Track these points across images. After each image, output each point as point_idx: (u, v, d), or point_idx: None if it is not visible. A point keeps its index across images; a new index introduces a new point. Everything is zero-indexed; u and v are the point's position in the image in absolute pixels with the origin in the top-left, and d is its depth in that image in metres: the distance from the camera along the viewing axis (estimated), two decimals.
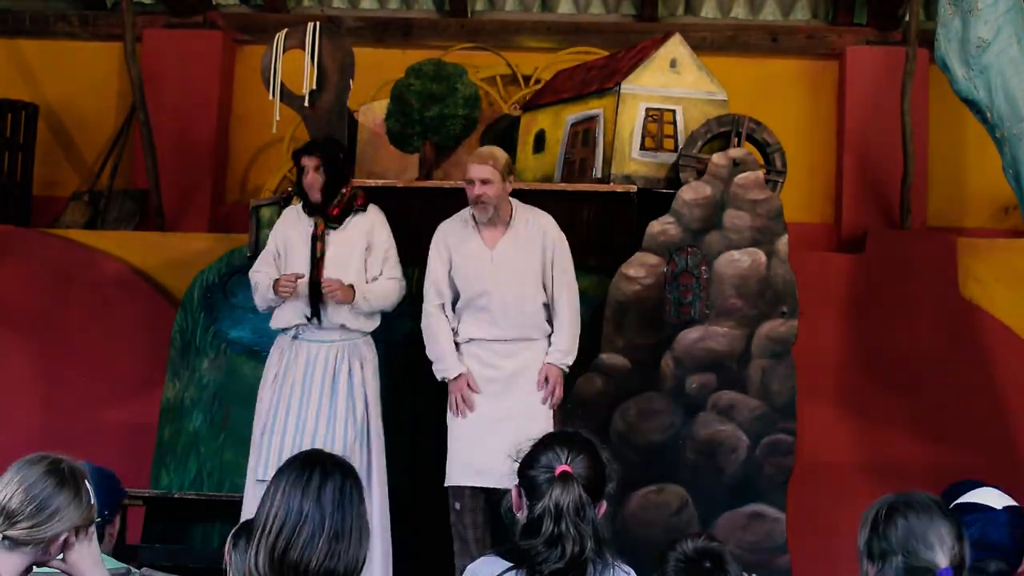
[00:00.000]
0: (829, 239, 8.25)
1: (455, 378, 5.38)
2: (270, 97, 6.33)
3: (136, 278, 7.31)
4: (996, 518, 3.29)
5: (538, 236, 5.44)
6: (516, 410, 5.27)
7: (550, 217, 5.53)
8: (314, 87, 6.32)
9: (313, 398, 5.40)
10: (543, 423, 5.25)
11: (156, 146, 7.94)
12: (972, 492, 3.38)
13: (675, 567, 2.95)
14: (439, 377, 5.44)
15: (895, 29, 8.37)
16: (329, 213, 5.57)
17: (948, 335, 7.17)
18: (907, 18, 8.08)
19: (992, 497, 3.36)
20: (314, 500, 2.56)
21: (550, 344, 5.41)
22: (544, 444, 2.93)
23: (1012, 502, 3.36)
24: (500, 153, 5.50)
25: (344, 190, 5.62)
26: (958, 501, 3.36)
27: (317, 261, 5.50)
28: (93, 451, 6.82)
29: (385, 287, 5.61)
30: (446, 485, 5.40)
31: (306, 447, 5.29)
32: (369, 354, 5.60)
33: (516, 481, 2.93)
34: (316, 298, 5.46)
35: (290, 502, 2.56)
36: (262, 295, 5.59)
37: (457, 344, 5.45)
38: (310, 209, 5.60)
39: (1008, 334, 7.15)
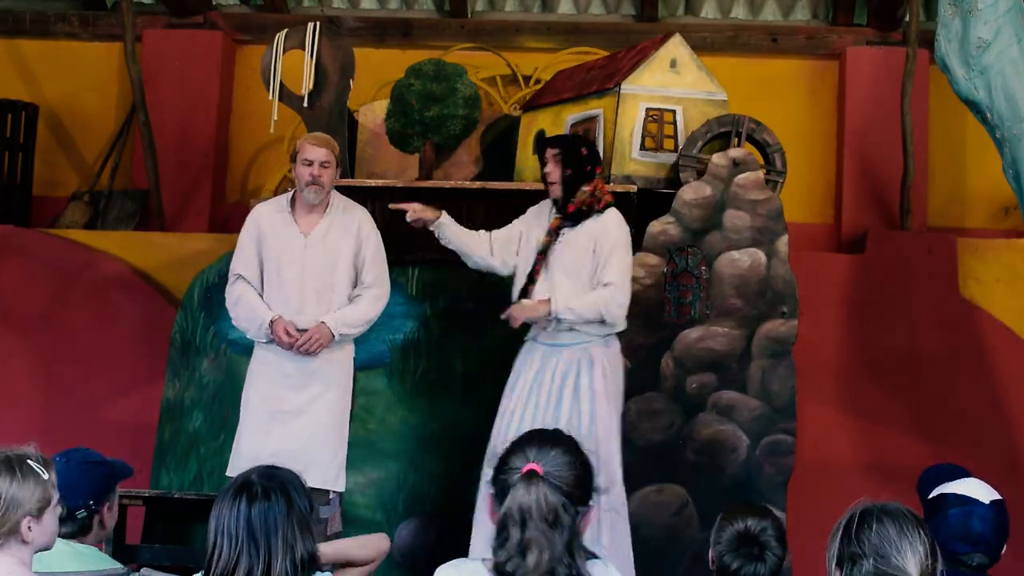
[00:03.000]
0: (829, 239, 8.25)
1: (272, 322, 5.31)
2: (270, 97, 6.34)
3: (136, 278, 7.30)
4: (982, 511, 3.31)
5: (353, 227, 5.43)
6: (310, 406, 5.28)
7: (366, 211, 5.53)
8: (313, 87, 6.32)
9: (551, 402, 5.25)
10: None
11: (156, 146, 7.94)
12: (958, 483, 3.39)
13: (728, 544, 3.26)
14: (262, 335, 5.35)
15: (895, 29, 8.37)
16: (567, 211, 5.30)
17: (948, 335, 7.17)
18: (907, 18, 8.08)
19: (979, 490, 3.37)
20: (242, 522, 2.63)
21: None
22: (515, 444, 2.66)
23: (997, 496, 3.37)
24: (335, 143, 5.51)
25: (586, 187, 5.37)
26: (945, 491, 3.38)
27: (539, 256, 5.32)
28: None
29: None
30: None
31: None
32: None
33: (491, 490, 2.66)
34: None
35: (226, 525, 2.63)
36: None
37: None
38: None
39: (1008, 334, 7.15)
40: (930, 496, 3.42)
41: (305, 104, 6.33)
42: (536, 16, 8.71)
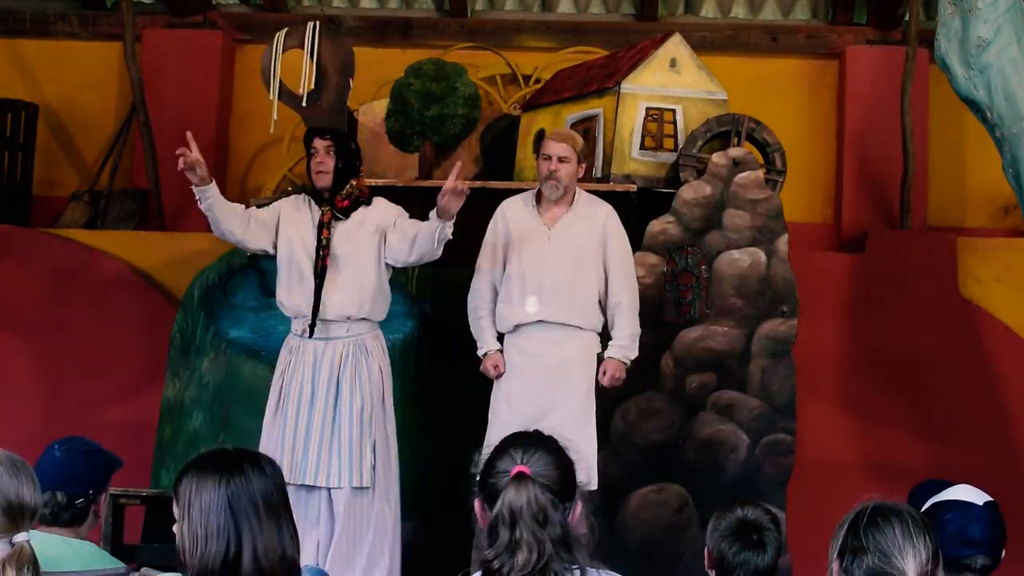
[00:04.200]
0: (829, 239, 8.25)
1: (487, 354, 5.41)
2: (270, 97, 6.33)
3: (136, 278, 7.30)
4: (976, 513, 3.34)
5: (599, 224, 5.41)
6: (559, 409, 5.24)
7: (612, 208, 5.49)
8: (313, 87, 6.32)
9: (319, 399, 5.35)
10: (587, 426, 5.26)
11: (156, 146, 7.93)
12: (950, 490, 3.42)
13: (725, 531, 3.23)
14: (479, 353, 5.46)
15: (895, 29, 8.37)
16: (336, 204, 5.44)
17: (948, 335, 7.16)
18: (907, 18, 8.08)
19: (971, 494, 3.40)
20: (217, 502, 2.55)
21: (606, 339, 5.39)
22: (499, 448, 2.69)
23: (989, 498, 3.40)
24: (580, 138, 5.50)
25: (354, 181, 5.51)
26: (938, 499, 3.40)
27: (322, 250, 5.40)
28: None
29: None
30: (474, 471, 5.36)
31: (311, 449, 5.28)
32: (376, 348, 5.47)
33: (478, 494, 2.70)
34: (317, 301, 5.37)
35: (200, 508, 2.56)
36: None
37: (501, 336, 5.43)
38: (317, 198, 5.50)
39: (1008, 334, 7.15)
40: (923, 509, 3.41)
41: (304, 104, 6.33)
42: (536, 15, 8.71)
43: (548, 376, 5.30)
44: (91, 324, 7.24)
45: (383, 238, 5.43)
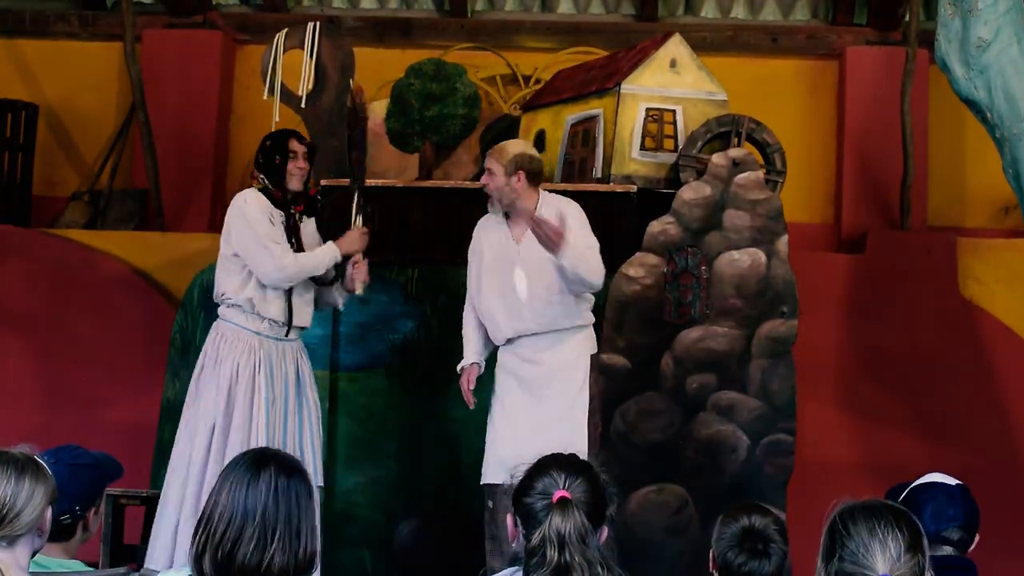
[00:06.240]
0: (829, 239, 8.25)
1: (462, 369, 5.42)
2: (265, 96, 6.32)
3: (136, 278, 7.30)
4: (951, 491, 3.67)
5: (555, 215, 5.38)
6: (555, 412, 5.26)
7: (570, 201, 5.47)
8: (313, 87, 6.32)
9: (290, 397, 5.33)
10: (577, 428, 5.26)
11: (156, 146, 7.93)
12: (919, 480, 3.77)
13: (731, 540, 3.26)
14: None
15: (895, 29, 8.37)
16: (298, 207, 5.45)
17: (948, 335, 7.17)
18: (907, 18, 8.08)
19: (940, 477, 3.76)
20: (261, 499, 2.52)
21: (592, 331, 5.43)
22: (540, 469, 2.82)
23: (960, 482, 3.74)
24: (511, 147, 5.46)
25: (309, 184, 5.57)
26: (910, 488, 3.72)
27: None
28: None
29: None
30: (482, 483, 5.38)
31: (290, 446, 5.26)
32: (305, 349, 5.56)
33: (511, 509, 2.83)
34: (289, 301, 5.39)
35: (236, 501, 2.53)
36: (307, 268, 5.39)
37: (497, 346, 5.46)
38: (283, 200, 5.43)
39: (1008, 334, 7.15)
40: (901, 498, 3.68)
41: (303, 104, 6.33)
42: (536, 16, 8.71)
43: (544, 381, 5.32)
44: (91, 324, 7.25)
45: None
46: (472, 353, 5.45)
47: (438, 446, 6.10)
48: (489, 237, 5.46)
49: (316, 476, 5.27)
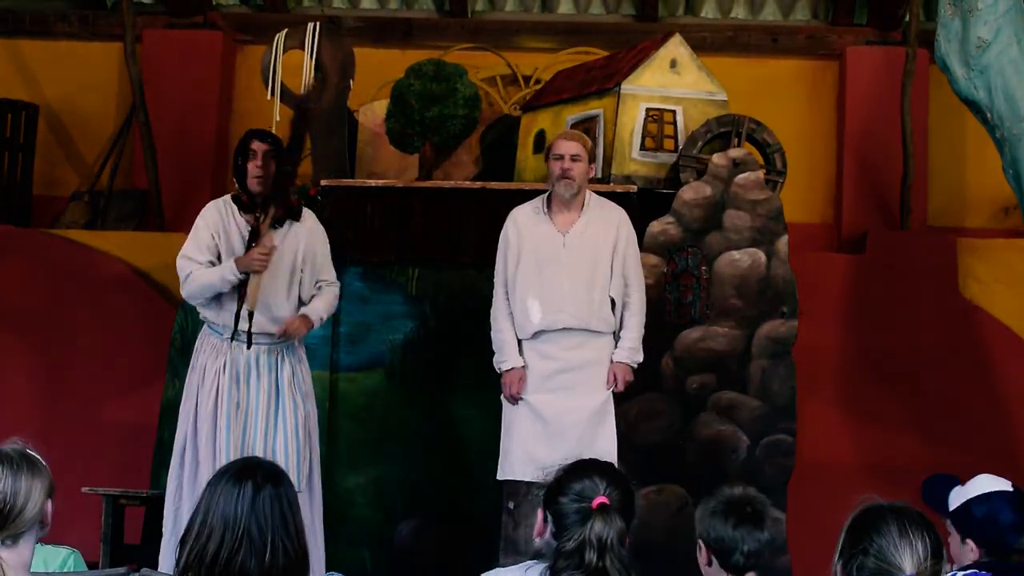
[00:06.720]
0: (829, 239, 8.25)
1: (509, 370, 5.31)
2: (268, 97, 6.33)
3: (136, 278, 7.30)
4: (1009, 497, 3.46)
5: (612, 227, 5.38)
6: (584, 410, 5.22)
7: (623, 211, 5.45)
8: (313, 87, 6.32)
9: (261, 402, 5.20)
10: (609, 427, 5.24)
11: (156, 146, 7.94)
12: (969, 485, 3.52)
13: (716, 509, 3.15)
14: (496, 368, 5.36)
15: (895, 29, 8.37)
16: (270, 213, 5.22)
17: (948, 335, 7.16)
18: (907, 18, 8.08)
19: (993, 483, 3.51)
20: (248, 509, 2.52)
21: (616, 340, 5.35)
22: (578, 472, 2.86)
23: (1009, 484, 3.52)
24: (588, 138, 5.49)
25: (291, 190, 5.40)
26: (965, 498, 3.49)
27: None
28: (93, 451, 6.86)
29: (328, 299, 5.37)
30: (500, 479, 5.33)
31: (255, 453, 5.17)
32: (302, 351, 5.39)
33: (541, 504, 2.87)
34: (240, 307, 5.20)
35: (225, 511, 2.52)
36: (203, 284, 5.21)
37: (520, 340, 5.36)
38: (249, 204, 5.28)
39: (1008, 334, 7.15)
40: (952, 510, 3.50)
41: (303, 105, 6.32)
42: (536, 16, 8.71)
43: (567, 378, 5.28)
44: (91, 324, 7.24)
45: (303, 263, 5.32)
46: (515, 355, 5.32)
47: (438, 446, 6.10)
48: (528, 227, 5.39)
49: (298, 482, 5.15)
